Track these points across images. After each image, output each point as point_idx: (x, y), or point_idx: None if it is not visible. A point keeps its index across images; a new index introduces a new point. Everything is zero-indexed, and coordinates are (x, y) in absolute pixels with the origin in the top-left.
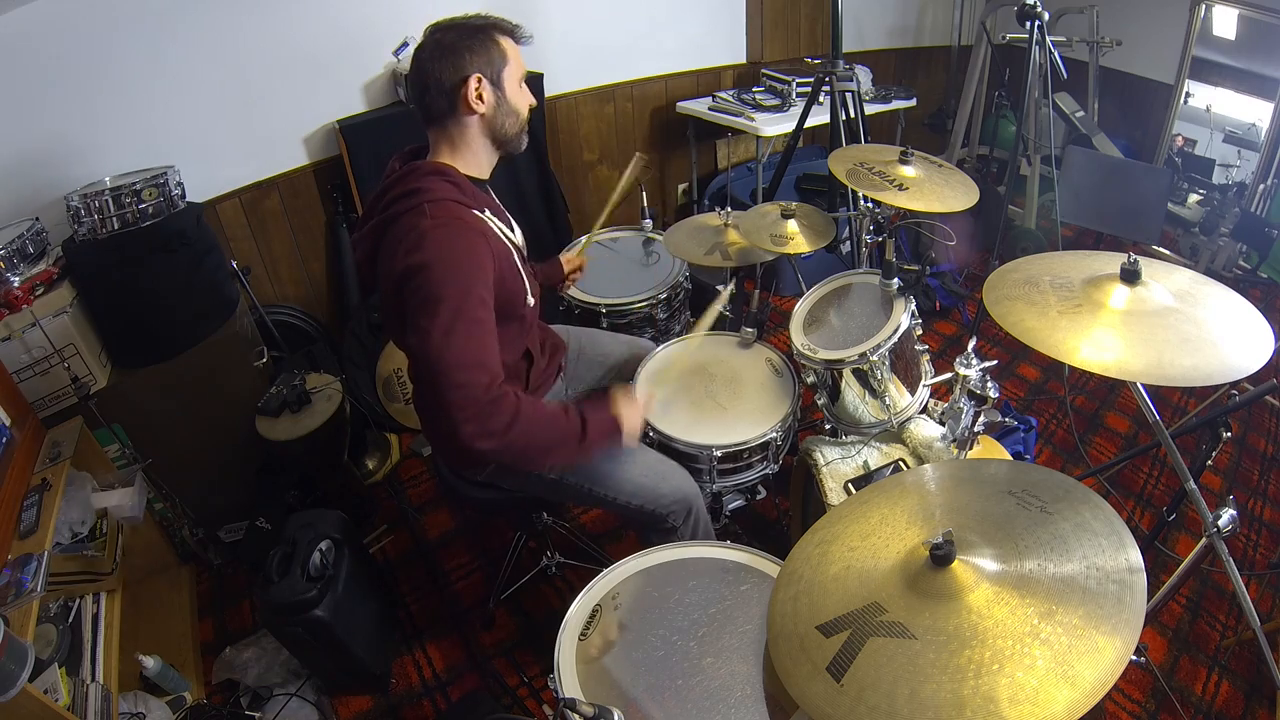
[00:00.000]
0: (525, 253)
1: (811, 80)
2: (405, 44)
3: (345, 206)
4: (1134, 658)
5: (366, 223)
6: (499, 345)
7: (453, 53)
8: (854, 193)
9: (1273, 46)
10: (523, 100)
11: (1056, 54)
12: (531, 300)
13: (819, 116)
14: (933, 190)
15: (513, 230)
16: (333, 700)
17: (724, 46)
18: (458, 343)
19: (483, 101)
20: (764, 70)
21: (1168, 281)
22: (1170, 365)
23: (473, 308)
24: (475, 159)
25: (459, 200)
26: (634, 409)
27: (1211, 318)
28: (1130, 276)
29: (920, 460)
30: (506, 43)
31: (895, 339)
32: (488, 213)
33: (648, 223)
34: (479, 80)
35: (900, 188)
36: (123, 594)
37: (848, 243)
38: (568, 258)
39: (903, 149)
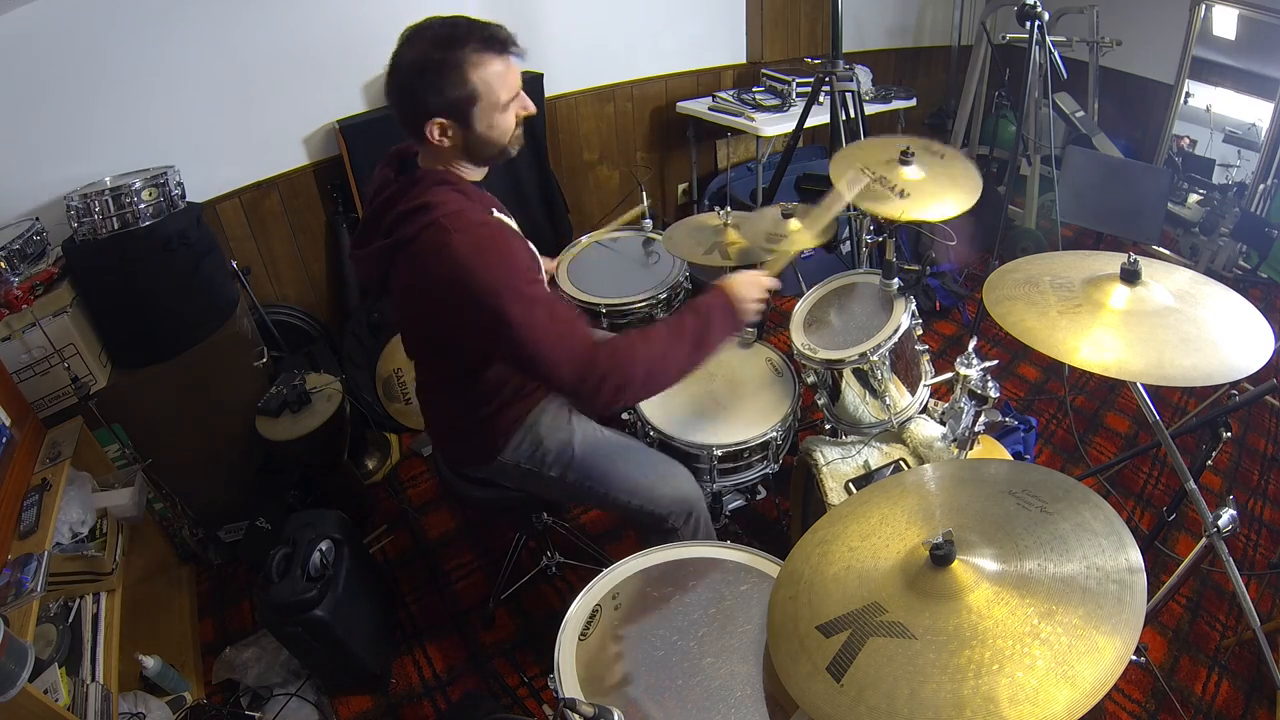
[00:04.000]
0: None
1: (811, 80)
2: None
3: (345, 206)
4: (1134, 658)
5: (369, 239)
6: None
7: (412, 90)
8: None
9: (1273, 46)
10: (504, 126)
11: (1056, 54)
12: (544, 277)
13: (819, 116)
14: (935, 190)
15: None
16: (333, 700)
17: (724, 46)
18: (540, 330)
19: (447, 139)
20: (764, 70)
21: (1168, 281)
22: (1170, 365)
23: (536, 296)
24: (464, 169)
25: (470, 209)
26: (745, 287)
27: (1211, 318)
28: (1130, 276)
29: (920, 460)
30: (482, 71)
31: (895, 339)
32: (494, 212)
33: (648, 223)
34: (440, 124)
35: (902, 194)
36: (123, 594)
37: (848, 243)
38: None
39: (903, 148)
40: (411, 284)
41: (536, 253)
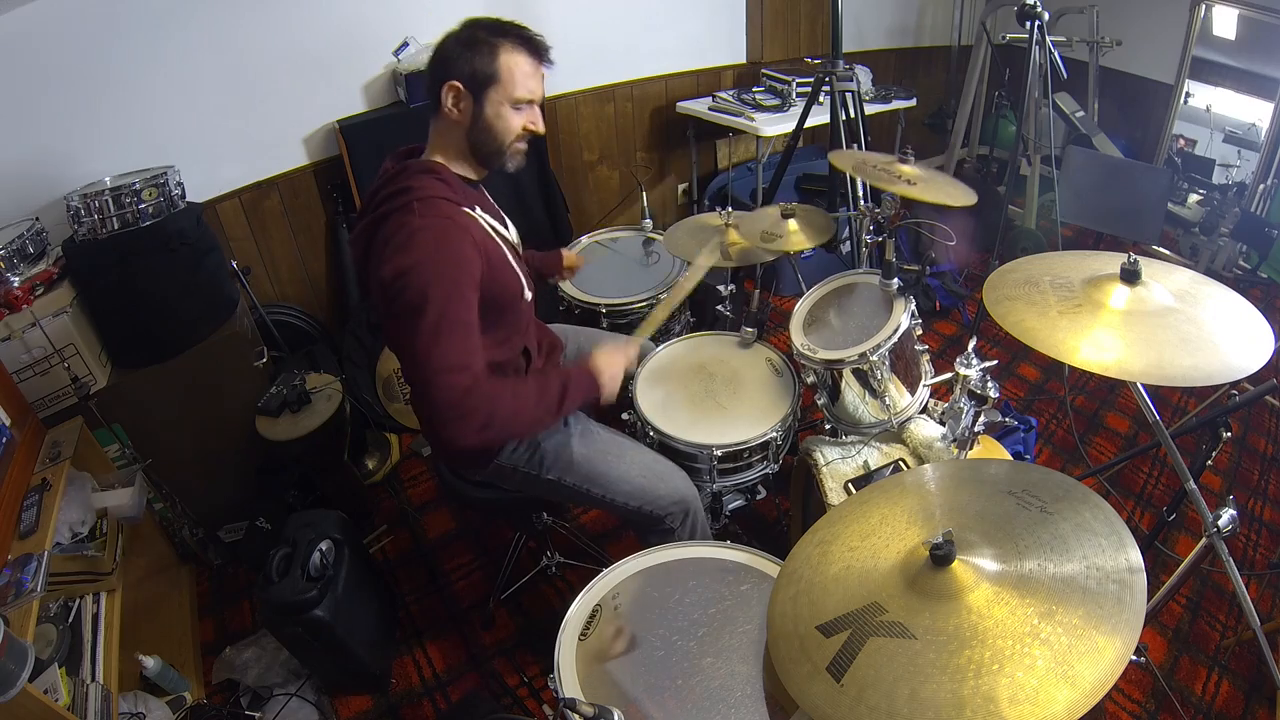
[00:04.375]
0: (520, 249)
1: (811, 80)
2: (405, 44)
3: (345, 206)
4: (1134, 658)
5: (360, 222)
6: (496, 342)
7: (446, 54)
8: (854, 193)
9: (1273, 46)
10: (509, 124)
11: (1056, 54)
12: (528, 295)
13: (819, 116)
14: (936, 185)
15: (506, 227)
16: (333, 700)
17: (724, 46)
18: (443, 346)
19: (458, 110)
20: (764, 70)
21: (1168, 281)
22: (1170, 365)
23: (458, 310)
24: (463, 161)
25: (449, 198)
26: (615, 360)
27: (1211, 318)
28: (1130, 276)
29: (920, 460)
30: (511, 59)
31: (895, 339)
32: (478, 210)
33: (648, 223)
34: (457, 89)
35: (908, 183)
36: (123, 594)
37: (848, 243)
38: (568, 254)
39: (900, 153)
40: (374, 259)
41: (513, 260)
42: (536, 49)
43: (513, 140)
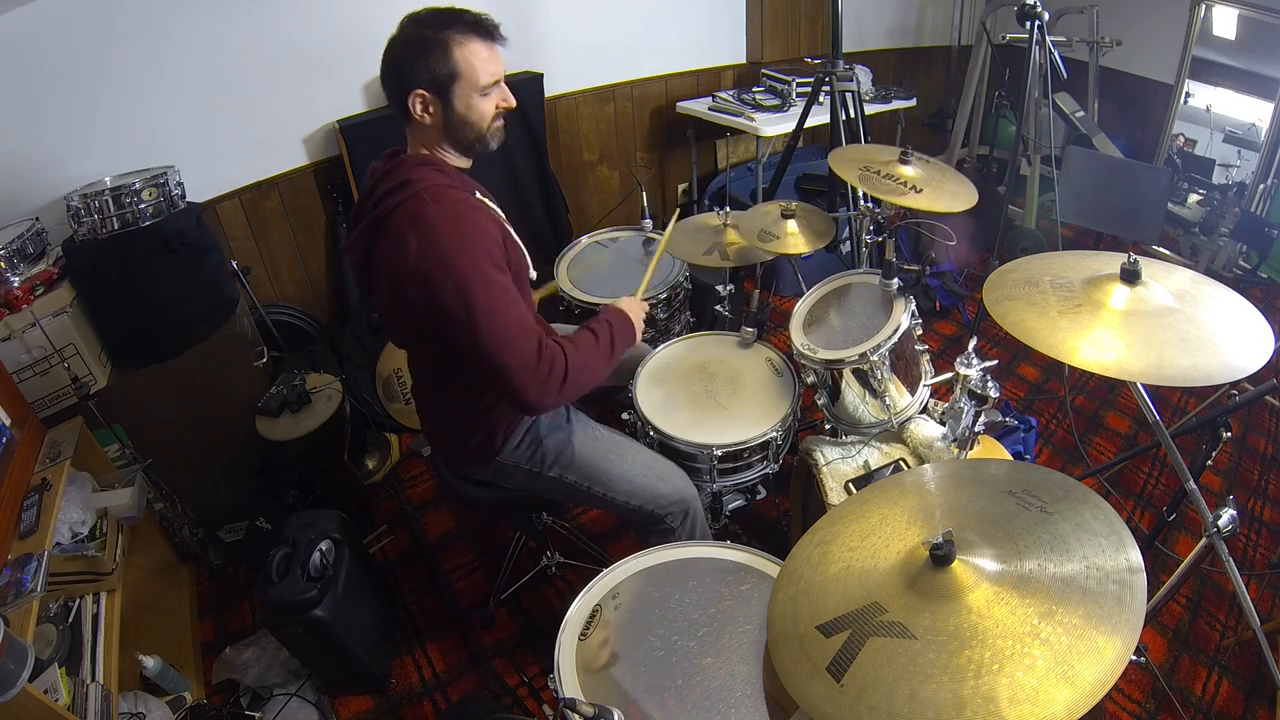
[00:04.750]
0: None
1: (811, 80)
2: None
3: (345, 206)
4: (1134, 658)
5: (358, 225)
6: None
7: (400, 64)
8: (854, 192)
9: (1273, 46)
10: (482, 110)
11: (1056, 54)
12: (533, 273)
13: (819, 116)
14: (942, 188)
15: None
16: (333, 700)
17: (724, 46)
18: (500, 319)
19: (429, 115)
20: (764, 70)
21: (1168, 281)
22: (1170, 365)
23: (497, 280)
24: (449, 155)
25: (452, 185)
26: (633, 305)
27: (1211, 318)
28: (1130, 276)
29: (920, 460)
30: (465, 50)
31: (895, 339)
32: (478, 194)
33: (647, 223)
34: (421, 96)
35: (915, 190)
36: (123, 594)
37: (848, 243)
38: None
39: (902, 149)
40: (389, 257)
41: (523, 247)
42: (486, 31)
43: (490, 123)
